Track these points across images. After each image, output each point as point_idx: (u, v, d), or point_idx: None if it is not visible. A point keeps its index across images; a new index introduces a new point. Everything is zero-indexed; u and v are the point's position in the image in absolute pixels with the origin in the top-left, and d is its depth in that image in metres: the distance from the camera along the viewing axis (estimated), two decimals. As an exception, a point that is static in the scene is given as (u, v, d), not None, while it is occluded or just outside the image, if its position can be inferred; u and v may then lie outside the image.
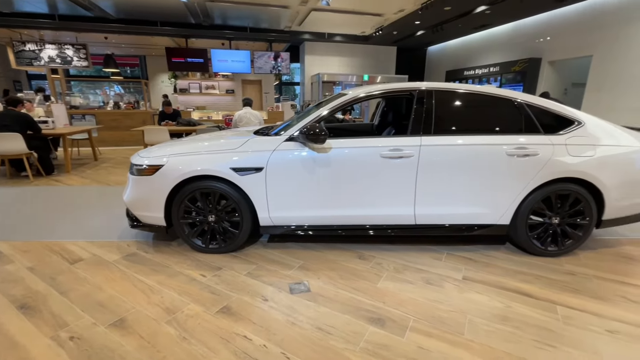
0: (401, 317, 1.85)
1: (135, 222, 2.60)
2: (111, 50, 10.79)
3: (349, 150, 2.42)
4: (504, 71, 10.24)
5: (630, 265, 2.49)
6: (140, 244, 2.77)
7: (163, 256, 2.55)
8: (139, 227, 2.61)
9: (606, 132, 2.49)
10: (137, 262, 2.46)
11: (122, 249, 2.68)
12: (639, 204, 2.54)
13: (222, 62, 8.97)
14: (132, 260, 2.49)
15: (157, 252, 2.61)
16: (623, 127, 2.67)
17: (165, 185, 2.42)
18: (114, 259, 2.51)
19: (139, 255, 2.57)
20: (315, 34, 12.56)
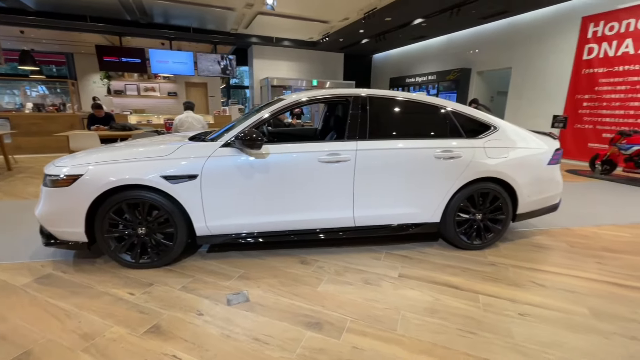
0: (339, 319, 1.88)
1: (50, 240, 2.32)
2: (30, 46, 9.58)
3: (287, 155, 2.41)
4: (440, 79, 11.08)
5: (540, 253, 2.82)
6: (57, 263, 2.47)
7: (85, 276, 2.30)
8: (54, 245, 2.33)
9: (517, 135, 2.81)
10: (52, 284, 2.19)
11: (35, 270, 2.37)
12: (545, 198, 2.90)
13: (162, 63, 8.45)
14: (46, 282, 2.21)
15: (78, 272, 2.35)
16: (531, 131, 3.03)
17: (86, 196, 2.20)
18: (24, 282, 2.21)
19: (55, 276, 2.29)
20: (263, 37, 12.45)
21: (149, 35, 8.16)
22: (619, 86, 6.84)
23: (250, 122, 2.43)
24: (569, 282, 2.35)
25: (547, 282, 2.34)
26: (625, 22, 6.63)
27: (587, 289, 2.27)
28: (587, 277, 2.42)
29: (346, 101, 2.63)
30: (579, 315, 1.97)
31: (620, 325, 1.88)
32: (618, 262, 2.67)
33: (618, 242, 3.08)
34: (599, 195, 4.83)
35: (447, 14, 8.35)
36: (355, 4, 8.58)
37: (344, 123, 2.60)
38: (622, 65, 6.76)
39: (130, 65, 8.31)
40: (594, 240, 3.11)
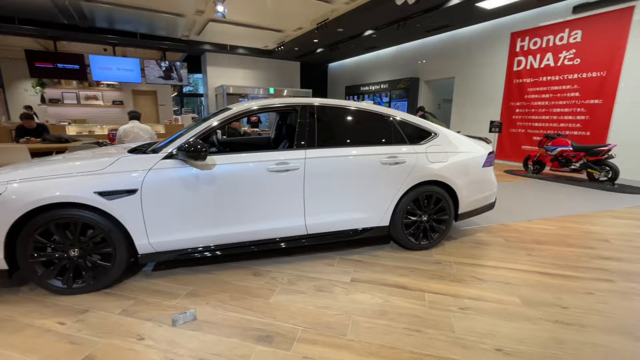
0: (290, 330, 1.87)
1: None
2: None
3: (235, 165, 2.37)
4: (392, 88, 11.62)
5: (481, 249, 3.04)
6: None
7: (6, 308, 2.05)
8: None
9: (455, 141, 3.02)
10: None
11: (-59, 306, 2.06)
12: (482, 198, 3.14)
13: (104, 70, 7.91)
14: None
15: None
16: (468, 136, 3.28)
17: (5, 218, 1.97)
18: None
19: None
20: (216, 45, 12.19)
21: (90, 40, 7.59)
22: (543, 94, 7.67)
23: (195, 132, 2.35)
24: (504, 275, 2.55)
25: (485, 276, 2.52)
26: (546, 38, 7.49)
27: (519, 279, 2.48)
28: (520, 269, 2.65)
29: (294, 110, 2.65)
30: (511, 305, 2.14)
31: (546, 311, 2.08)
32: (545, 253, 2.96)
33: (545, 235, 3.42)
34: (531, 192, 5.34)
35: (394, 27, 8.82)
36: (308, 15, 8.75)
37: (294, 132, 2.62)
38: (545, 76, 7.60)
39: (67, 71, 7.65)
40: (525, 234, 3.42)
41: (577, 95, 7.07)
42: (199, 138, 2.34)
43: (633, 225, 3.73)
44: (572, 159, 6.13)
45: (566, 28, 7.11)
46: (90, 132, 8.16)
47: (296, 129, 2.59)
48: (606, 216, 4.09)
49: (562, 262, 2.78)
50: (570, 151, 6.13)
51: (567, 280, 2.48)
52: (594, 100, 6.83)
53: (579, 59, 6.97)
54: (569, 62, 7.15)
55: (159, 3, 7.86)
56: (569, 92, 7.21)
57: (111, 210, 2.12)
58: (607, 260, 2.83)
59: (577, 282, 2.44)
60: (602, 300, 2.21)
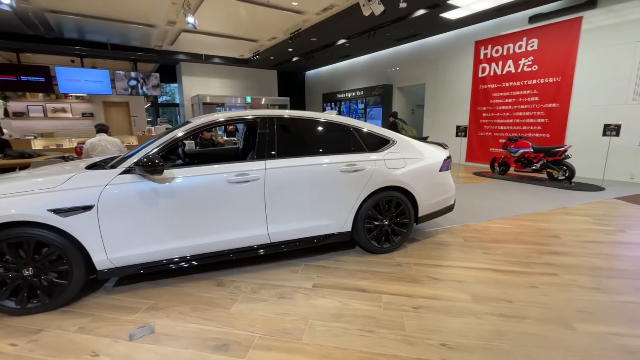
0: (247, 338, 1.91)
1: None
2: None
3: (195, 178, 2.41)
4: (367, 95, 11.89)
5: (440, 250, 3.18)
6: None
7: (-46, 332, 1.99)
8: None
9: (412, 147, 3.17)
10: None
11: None
12: (441, 200, 3.30)
13: (72, 82, 7.74)
14: None
15: (-55, 328, 2.03)
16: (426, 141, 3.45)
17: (-48, 240, 1.93)
18: None
19: None
20: (191, 54, 12.13)
21: (56, 52, 7.40)
22: (507, 99, 8.08)
23: (153, 147, 2.38)
24: (459, 273, 2.69)
25: (441, 276, 2.66)
26: (506, 46, 7.92)
27: (472, 277, 2.63)
28: (474, 267, 2.80)
29: (254, 122, 2.73)
30: (461, 302, 2.27)
31: (492, 306, 2.22)
32: (499, 251, 3.14)
33: (502, 233, 3.62)
34: (494, 193, 5.60)
35: (365, 36, 9.09)
36: (281, 25, 8.89)
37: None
38: (507, 82, 8.02)
39: (31, 84, 7.43)
40: (484, 234, 3.61)
41: (537, 99, 7.50)
42: (159, 152, 2.37)
43: (582, 222, 4.00)
44: (533, 159, 6.48)
45: (524, 37, 7.55)
46: (59, 145, 7.91)
47: (256, 140, 2.66)
48: (560, 213, 4.36)
49: (513, 259, 2.95)
50: (531, 152, 6.48)
51: (516, 275, 2.65)
52: (551, 104, 7.26)
53: (537, 65, 7.41)
54: (528, 69, 7.58)
55: (128, 14, 7.80)
56: (530, 97, 7.63)
57: (66, 227, 2.11)
58: (555, 255, 3.03)
59: (524, 277, 2.61)
60: (544, 293, 2.37)
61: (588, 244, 3.29)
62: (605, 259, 2.95)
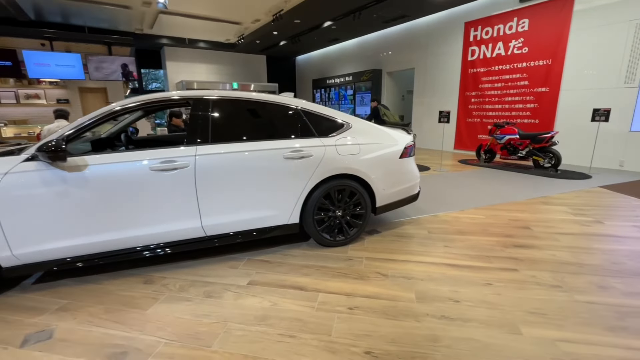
0: (151, 344, 1.71)
1: None
2: None
3: (112, 166, 2.17)
4: (356, 80, 11.51)
5: (400, 243, 2.96)
6: None
7: None
8: None
9: (369, 132, 2.91)
10: None
11: None
12: (402, 190, 3.06)
13: (41, 67, 7.42)
14: None
15: None
16: (390, 126, 3.19)
17: None
18: None
19: None
20: (173, 38, 11.71)
21: (25, 34, 7.07)
22: (496, 83, 7.74)
23: (62, 132, 2.13)
24: (411, 269, 2.48)
25: (391, 272, 2.44)
26: (497, 27, 7.53)
27: (424, 273, 2.41)
28: (430, 262, 2.59)
29: (187, 104, 2.47)
30: (404, 301, 2.06)
31: (436, 306, 2.01)
32: (462, 244, 2.92)
33: (471, 224, 3.39)
34: (475, 181, 5.36)
35: (351, 17, 8.68)
36: (261, 6, 8.48)
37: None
38: (497, 65, 7.66)
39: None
40: (451, 225, 3.38)
41: (526, 83, 7.16)
42: (71, 137, 2.13)
43: (559, 212, 3.77)
44: (519, 146, 6.21)
45: (514, 17, 7.16)
46: (30, 133, 7.65)
47: (188, 123, 2.41)
48: (538, 203, 4.12)
49: (475, 253, 2.74)
50: (517, 139, 6.20)
51: (472, 271, 2.43)
52: (541, 89, 6.93)
53: (527, 47, 7.04)
54: (518, 51, 7.21)
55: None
56: (519, 81, 7.29)
57: (-42, 221, 1.89)
58: (520, 249, 2.81)
59: (480, 273, 2.40)
60: (497, 292, 2.16)
61: (559, 236, 3.07)
62: (574, 252, 2.73)
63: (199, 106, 2.45)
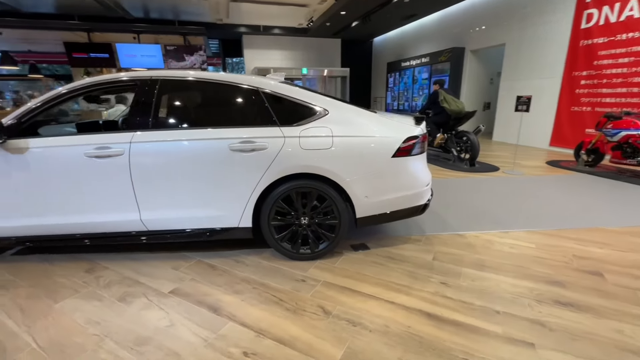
0: (20, 346, 1.57)
1: None
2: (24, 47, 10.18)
3: (50, 150, 2.11)
4: (434, 61, 10.06)
5: (383, 268, 2.26)
6: None
7: None
8: None
9: (351, 121, 2.25)
10: None
11: None
12: (397, 198, 2.32)
13: (130, 57, 8.55)
14: None
15: None
16: (397, 114, 2.45)
17: None
18: None
19: None
20: (249, 26, 12.18)
21: (117, 30, 8.25)
22: (621, 58, 5.64)
23: (13, 115, 2.15)
24: (368, 311, 1.81)
25: (338, 309, 1.83)
26: (630, -22, 5.39)
27: (381, 321, 1.73)
28: (404, 305, 1.86)
29: (135, 85, 2.25)
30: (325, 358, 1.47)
31: (359, 381, 1.37)
32: (470, 285, 2.05)
33: (505, 255, 2.41)
34: (553, 192, 3.96)
35: (423, -14, 7.44)
36: (323, -17, 7.96)
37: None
38: (625, 33, 5.54)
39: (98, 60, 8.50)
40: (474, 252, 2.46)
41: (672, 56, 4.98)
42: (20, 119, 2.14)
43: (675, 254, 2.40)
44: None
45: (662, -41, 4.98)
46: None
47: (131, 107, 2.20)
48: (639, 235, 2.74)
49: (481, 303, 1.87)
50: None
51: (457, 333, 1.63)
52: (697, 63, 4.72)
53: (680, 3, 4.84)
54: (663, 10, 5.03)
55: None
56: (660, 53, 5.12)
57: None
58: (564, 309, 1.81)
59: (468, 340, 1.59)
60: (473, 380, 1.36)
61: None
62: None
63: (144, 88, 2.21)
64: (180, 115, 2.24)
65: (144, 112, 2.17)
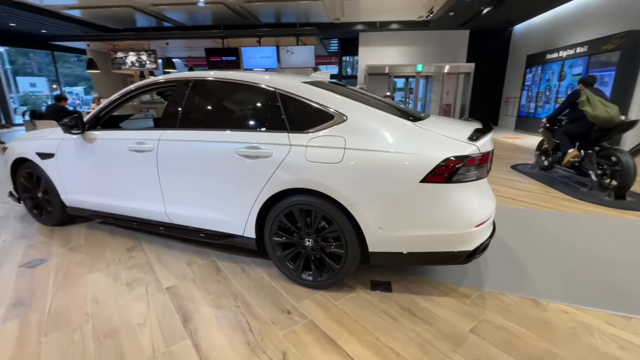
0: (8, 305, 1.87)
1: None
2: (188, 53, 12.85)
3: (108, 142, 2.46)
4: (594, 51, 7.64)
5: (395, 328, 1.74)
6: None
7: None
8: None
9: (372, 130, 1.78)
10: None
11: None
12: (423, 237, 1.73)
13: (251, 59, 9.59)
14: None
15: None
16: (454, 120, 1.86)
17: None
18: None
19: None
20: (366, 23, 11.96)
21: (245, 35, 9.41)
22: None
23: (95, 110, 2.60)
24: (336, 379, 1.40)
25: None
26: None
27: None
28: (386, 387, 1.36)
29: (174, 86, 2.38)
30: None
31: None
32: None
33: (603, 358, 1.50)
34: None
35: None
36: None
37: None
38: None
39: (228, 63, 9.85)
40: (545, 337, 1.62)
41: None
42: (95, 117, 2.57)
43: None
44: None
45: None
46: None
47: (166, 106, 2.34)
48: None
49: None
50: None
51: None
52: None
53: None
54: None
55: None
56: None
57: (45, 168, 2.74)
58: None
59: None
60: None
61: None
62: None
63: (177, 88, 2.31)
64: (197, 116, 2.26)
65: (170, 112, 2.28)
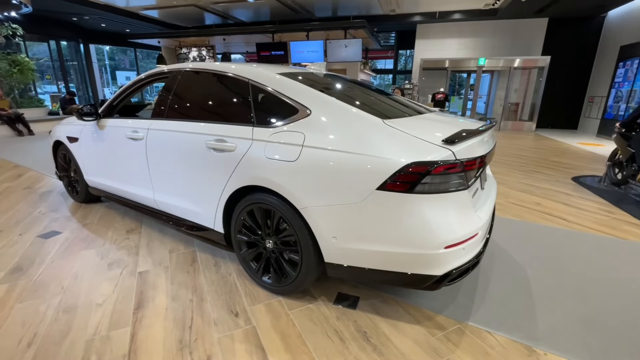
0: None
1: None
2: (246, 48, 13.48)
3: (113, 129, 2.63)
4: None
5: (327, 345, 1.54)
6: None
7: None
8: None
9: (337, 126, 1.58)
10: None
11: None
12: (380, 254, 1.49)
13: (299, 53, 9.63)
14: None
15: None
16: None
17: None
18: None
19: None
20: (424, 14, 11.16)
21: (294, 29, 9.48)
22: None
23: (110, 100, 2.80)
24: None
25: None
26: None
27: None
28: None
29: (168, 77, 2.43)
30: None
31: None
32: None
33: None
34: None
35: None
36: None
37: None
38: None
39: (277, 57, 10.04)
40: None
41: None
42: (109, 106, 2.77)
43: None
44: None
45: None
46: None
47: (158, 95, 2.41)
48: None
49: None
50: None
51: None
52: None
53: None
54: None
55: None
56: None
57: (72, 151, 3.06)
58: None
59: None
60: None
61: None
62: None
63: (169, 79, 2.36)
64: (179, 107, 2.26)
65: (160, 102, 2.34)
